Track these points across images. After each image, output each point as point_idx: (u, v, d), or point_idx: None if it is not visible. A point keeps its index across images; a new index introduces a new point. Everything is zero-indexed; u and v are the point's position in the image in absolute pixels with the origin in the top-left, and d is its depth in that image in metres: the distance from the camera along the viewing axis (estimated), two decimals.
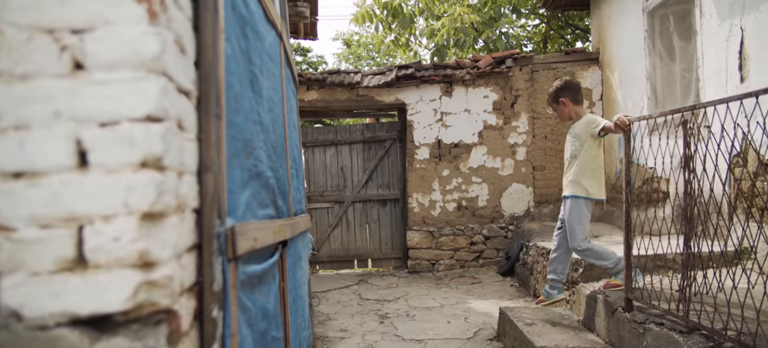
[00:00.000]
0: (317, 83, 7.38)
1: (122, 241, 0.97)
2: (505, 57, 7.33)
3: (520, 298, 5.64)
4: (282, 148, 2.27)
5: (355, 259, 7.68)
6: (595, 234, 5.92)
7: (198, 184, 1.27)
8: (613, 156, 6.84)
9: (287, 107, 2.61)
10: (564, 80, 3.77)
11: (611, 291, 3.51)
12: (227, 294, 1.27)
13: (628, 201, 3.12)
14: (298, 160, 3.01)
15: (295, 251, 2.58)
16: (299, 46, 19.98)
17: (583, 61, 7.26)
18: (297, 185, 2.87)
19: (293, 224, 2.38)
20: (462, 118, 7.34)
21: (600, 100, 7.18)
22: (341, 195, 7.62)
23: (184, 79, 1.17)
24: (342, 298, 5.94)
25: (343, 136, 7.66)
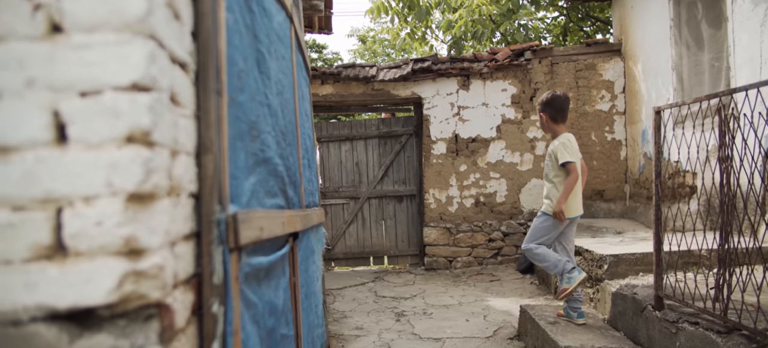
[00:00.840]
0: (332, 77, 7.26)
1: (106, 225, 0.86)
2: (523, 49, 7.15)
3: (541, 295, 5.47)
4: (293, 136, 2.16)
5: (371, 256, 7.57)
6: (619, 230, 5.73)
7: (196, 167, 1.16)
8: (636, 150, 6.63)
9: (299, 94, 2.49)
10: (550, 95, 3.66)
11: (640, 289, 3.34)
12: (229, 287, 1.15)
13: (658, 194, 2.95)
14: (311, 151, 2.90)
15: (307, 245, 2.46)
16: (314, 43, 19.93)
17: (604, 53, 7.05)
18: (309, 176, 2.75)
19: (305, 216, 2.27)
20: (479, 112, 7.18)
21: (622, 92, 6.97)
22: (357, 191, 7.51)
23: (178, 48, 1.05)
24: (358, 295, 5.82)
25: (359, 131, 7.55)
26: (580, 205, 3.63)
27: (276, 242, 1.72)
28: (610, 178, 7.02)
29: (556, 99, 3.62)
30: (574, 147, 3.54)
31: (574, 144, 3.56)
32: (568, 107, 3.64)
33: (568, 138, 3.55)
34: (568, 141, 3.53)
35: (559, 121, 3.63)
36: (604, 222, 6.51)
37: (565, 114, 3.63)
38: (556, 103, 3.61)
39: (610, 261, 3.90)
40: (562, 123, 3.63)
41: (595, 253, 4.12)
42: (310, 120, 3.00)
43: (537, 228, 3.65)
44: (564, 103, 3.62)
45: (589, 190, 7.04)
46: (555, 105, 3.61)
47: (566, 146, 3.50)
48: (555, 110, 3.62)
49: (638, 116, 6.50)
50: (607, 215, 6.99)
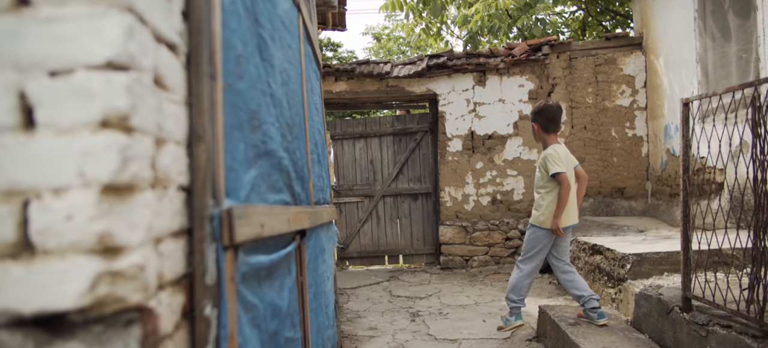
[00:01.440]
0: (346, 74, 7.17)
1: (77, 220, 0.77)
2: (541, 44, 6.99)
3: (560, 295, 5.32)
4: (300, 129, 2.07)
5: (386, 254, 7.47)
6: (641, 229, 5.56)
7: (187, 157, 1.06)
8: (658, 146, 6.44)
9: (307, 87, 2.40)
10: (542, 105, 3.63)
11: (665, 290, 3.20)
12: (222, 288, 1.06)
13: (686, 190, 2.80)
14: (321, 146, 2.80)
15: (316, 243, 2.37)
16: (329, 41, 19.88)
17: (624, 47, 6.86)
18: (319, 172, 2.66)
19: (314, 213, 2.17)
20: (496, 109, 7.04)
21: (643, 87, 6.78)
22: (371, 189, 7.41)
23: (164, 26, 0.96)
24: (372, 294, 5.73)
25: (373, 128, 7.45)
26: (575, 214, 3.60)
27: (280, 240, 1.62)
28: (630, 176, 6.83)
29: (548, 109, 3.58)
30: (563, 157, 3.52)
31: (564, 154, 3.55)
32: (560, 117, 3.61)
33: (555, 149, 3.52)
34: (555, 152, 3.50)
35: (551, 132, 3.59)
36: (625, 220, 6.33)
37: (557, 124, 3.59)
38: (548, 112, 3.57)
39: (634, 260, 3.75)
40: (554, 133, 3.60)
41: (617, 252, 3.98)
42: (320, 114, 2.91)
43: (528, 241, 3.67)
44: (556, 114, 3.58)
45: (609, 188, 6.86)
46: (546, 115, 3.58)
47: (554, 157, 3.48)
48: (546, 120, 3.58)
49: (660, 111, 6.31)
50: (628, 213, 6.81)
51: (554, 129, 3.59)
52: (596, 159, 6.88)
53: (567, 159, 3.56)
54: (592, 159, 6.89)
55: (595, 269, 4.53)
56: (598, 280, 4.43)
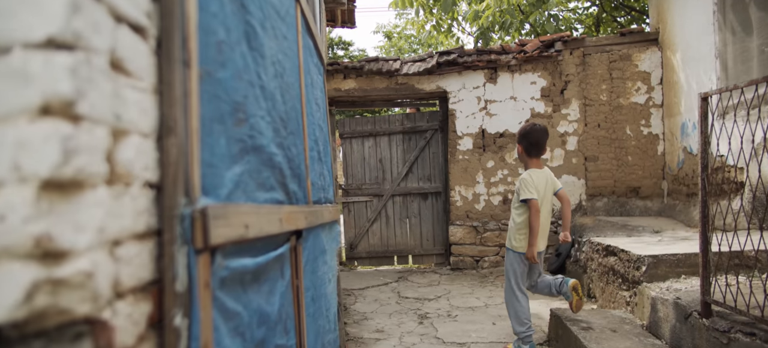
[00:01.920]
0: (354, 71, 7.08)
1: (10, 220, 0.67)
2: (554, 40, 6.84)
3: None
4: (297, 125, 1.97)
5: (395, 255, 7.36)
6: (656, 229, 5.40)
7: (157, 152, 0.96)
8: (674, 144, 6.26)
9: (307, 81, 2.30)
10: (527, 127, 3.62)
11: (683, 294, 3.05)
12: (194, 295, 0.96)
13: (705, 188, 2.67)
14: (323, 143, 2.70)
15: (316, 244, 2.27)
16: (340, 40, 19.82)
17: (640, 43, 6.69)
18: (321, 170, 2.56)
19: (312, 213, 2.07)
20: (507, 106, 6.90)
21: (659, 84, 6.60)
22: (380, 188, 7.31)
23: (125, 4, 0.86)
24: (380, 296, 5.62)
25: (382, 126, 7.34)
26: (542, 241, 3.58)
27: (271, 241, 1.52)
28: (646, 175, 6.66)
29: (533, 132, 3.57)
30: (538, 182, 3.50)
31: (541, 179, 3.53)
32: (545, 140, 3.59)
33: (531, 174, 3.51)
34: (530, 177, 3.49)
35: (533, 155, 3.59)
36: (640, 220, 6.17)
37: (540, 148, 3.58)
38: (532, 136, 3.56)
39: (649, 262, 3.60)
40: (536, 157, 3.59)
41: (632, 254, 3.83)
42: (322, 110, 2.81)
43: (507, 266, 3.67)
44: (540, 137, 3.56)
45: (623, 187, 6.69)
46: (530, 138, 3.57)
47: (526, 183, 3.48)
48: (529, 143, 3.57)
49: (677, 108, 6.14)
50: (643, 213, 6.64)
51: (537, 153, 3.59)
52: (610, 157, 6.72)
53: (546, 183, 3.56)
54: (606, 157, 6.73)
55: (609, 271, 4.39)
56: (612, 282, 4.29)
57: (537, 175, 3.53)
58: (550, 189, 3.58)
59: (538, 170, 3.56)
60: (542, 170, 3.58)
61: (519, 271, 3.60)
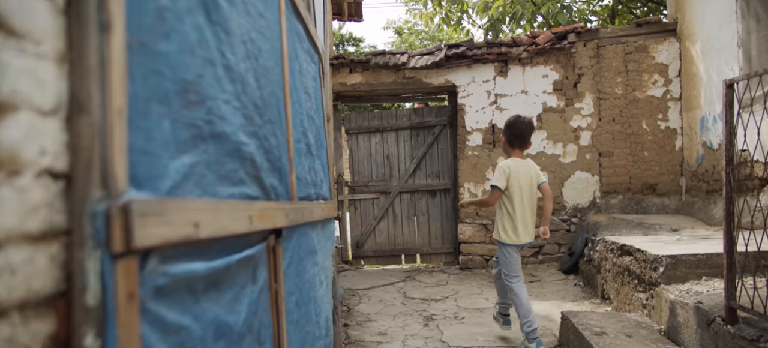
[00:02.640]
0: (361, 65, 6.90)
1: None
2: (567, 32, 6.61)
3: (586, 299, 4.96)
4: (278, 114, 1.79)
5: (402, 253, 7.17)
6: (674, 227, 5.15)
7: (67, 133, 0.79)
8: (693, 139, 6.00)
9: (293, 67, 2.12)
10: (512, 119, 3.64)
11: (705, 297, 2.83)
12: (109, 309, 0.78)
13: (730, 184, 2.45)
14: (315, 136, 2.53)
15: (303, 244, 2.09)
16: (351, 36, 19.68)
17: (657, 33, 6.43)
18: (310, 164, 2.38)
19: (296, 210, 1.90)
20: (518, 101, 6.68)
21: (677, 76, 6.34)
22: (387, 185, 7.12)
23: None
24: (385, 296, 5.44)
25: (389, 122, 7.16)
26: (526, 234, 3.55)
27: (238, 242, 1.35)
28: (663, 171, 6.40)
29: (517, 123, 3.59)
30: (518, 173, 3.52)
31: (519, 168, 3.53)
32: (529, 133, 3.59)
33: (508, 163, 3.55)
34: (506, 166, 3.53)
35: (516, 147, 3.60)
36: (657, 218, 5.92)
37: (523, 141, 3.59)
38: (516, 128, 3.58)
39: (667, 263, 3.38)
40: (519, 149, 3.61)
41: (649, 254, 3.61)
42: (316, 101, 2.63)
43: (498, 258, 3.69)
44: (525, 130, 3.58)
45: (639, 184, 6.44)
46: (514, 129, 3.59)
47: (499, 170, 3.54)
48: (513, 134, 3.59)
49: (696, 101, 5.88)
50: (660, 211, 6.38)
51: (520, 145, 3.60)
52: (626, 153, 6.47)
53: (529, 177, 3.55)
54: (622, 153, 6.48)
55: (624, 271, 4.16)
56: (628, 283, 4.07)
57: (517, 164, 3.54)
58: (531, 180, 3.56)
59: (519, 160, 3.56)
60: (524, 161, 3.58)
61: (511, 262, 3.57)
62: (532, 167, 3.59)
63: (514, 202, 3.51)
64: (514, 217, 3.51)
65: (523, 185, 3.51)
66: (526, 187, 3.53)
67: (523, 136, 3.57)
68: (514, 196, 3.51)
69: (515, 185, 3.50)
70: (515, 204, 3.51)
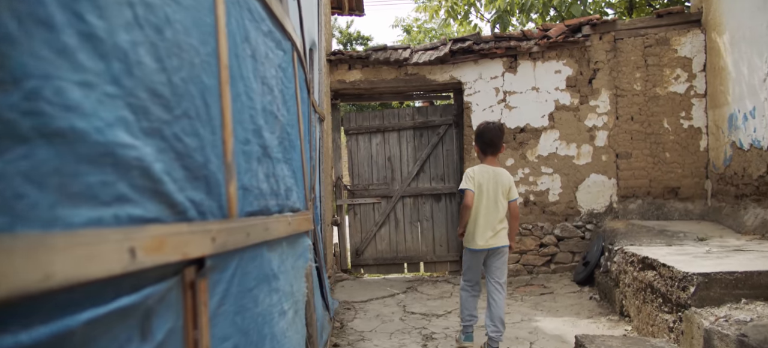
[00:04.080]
0: (360, 61, 6.48)
1: None
2: (581, 24, 6.14)
3: (603, 315, 4.51)
4: (202, 106, 1.38)
5: (405, 262, 6.74)
6: (701, 237, 4.67)
7: None
8: (720, 139, 5.51)
9: (241, 51, 1.71)
10: (481, 127, 3.65)
11: (751, 329, 2.37)
12: None
13: None
14: (277, 135, 2.11)
15: (251, 270, 1.68)
16: (359, 35, 19.32)
17: (680, 25, 5.94)
18: (270, 170, 1.97)
19: (233, 230, 1.48)
20: (529, 98, 6.22)
21: (702, 71, 5.84)
22: (389, 189, 6.70)
23: None
24: (383, 310, 5.02)
25: (391, 121, 6.74)
26: (489, 239, 3.51)
27: (106, 289, 0.94)
28: (686, 173, 5.91)
29: (487, 131, 3.59)
30: (483, 178, 3.52)
31: (486, 175, 3.53)
32: (499, 139, 3.59)
33: (475, 169, 3.56)
34: (472, 171, 3.55)
35: (488, 154, 3.60)
36: (681, 225, 5.43)
37: (495, 146, 3.58)
38: (485, 135, 3.59)
39: (699, 282, 2.92)
40: (491, 155, 3.60)
41: (676, 271, 3.15)
42: (281, 94, 2.22)
43: (463, 258, 3.76)
44: (494, 136, 3.58)
45: (660, 188, 5.96)
46: (484, 137, 3.59)
47: (468, 175, 3.56)
48: (484, 143, 3.60)
49: (724, 98, 5.38)
50: (682, 217, 5.89)
51: (492, 152, 3.59)
52: (645, 154, 5.99)
53: (496, 183, 3.53)
54: (641, 154, 6.00)
55: (647, 288, 3.70)
56: (650, 301, 3.61)
57: (483, 171, 3.55)
58: (499, 189, 3.54)
59: (488, 167, 3.57)
60: (495, 169, 3.57)
61: (466, 266, 3.68)
62: (502, 176, 3.56)
63: (476, 207, 3.51)
64: (475, 221, 3.52)
65: (488, 192, 3.51)
66: (492, 194, 3.52)
67: (495, 143, 3.57)
68: (476, 201, 3.51)
69: (479, 191, 3.51)
70: (479, 209, 3.51)
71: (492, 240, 3.50)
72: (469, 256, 3.61)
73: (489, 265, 3.60)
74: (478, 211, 3.50)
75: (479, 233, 3.49)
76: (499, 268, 3.58)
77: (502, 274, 3.58)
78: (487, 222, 3.49)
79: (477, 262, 3.59)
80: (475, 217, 3.51)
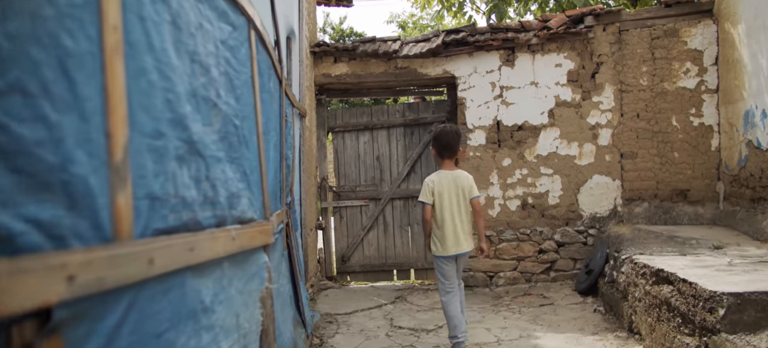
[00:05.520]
0: (346, 54, 6.04)
1: None
2: (583, 14, 5.72)
3: (609, 331, 4.09)
4: (52, 75, 0.94)
5: (394, 268, 6.30)
6: (717, 244, 4.25)
7: None
8: (734, 138, 5.10)
9: (142, 11, 1.27)
10: (438, 130, 3.66)
11: None
12: None
13: None
14: (217, 128, 1.68)
15: (164, 311, 1.24)
16: (352, 31, 18.89)
17: (690, 15, 5.52)
18: (201, 173, 1.53)
19: (113, 258, 1.04)
20: (527, 94, 5.80)
21: (714, 64, 5.43)
22: (377, 190, 6.26)
23: None
24: (368, 324, 4.58)
25: (380, 118, 6.30)
26: (455, 245, 3.55)
27: None
28: (696, 174, 5.50)
29: (444, 135, 3.61)
30: (443, 185, 3.54)
31: (445, 181, 3.56)
32: (456, 143, 3.62)
33: (433, 177, 3.58)
34: (431, 181, 3.56)
35: (445, 157, 3.63)
36: (691, 231, 5.02)
37: (452, 150, 3.61)
38: (442, 139, 3.61)
39: (731, 303, 2.50)
40: (448, 159, 3.64)
41: (702, 288, 2.72)
42: (223, 77, 1.78)
43: (435, 268, 3.75)
44: (452, 139, 3.61)
45: (667, 190, 5.54)
46: (442, 141, 3.61)
47: (426, 185, 3.58)
48: (441, 146, 3.62)
49: (738, 93, 4.97)
50: (692, 221, 5.48)
51: (449, 155, 3.63)
52: (652, 154, 5.57)
53: (456, 187, 3.56)
54: (647, 154, 5.58)
55: (662, 305, 3.28)
56: (667, 320, 3.19)
57: (441, 177, 3.58)
58: (460, 192, 3.56)
59: (446, 172, 3.60)
60: (452, 172, 3.60)
61: (441, 275, 3.65)
62: (460, 178, 3.59)
63: (440, 213, 3.53)
64: (442, 228, 3.53)
65: (450, 197, 3.53)
66: (455, 198, 3.54)
67: (452, 145, 3.60)
68: (440, 208, 3.53)
69: (440, 198, 3.53)
70: (443, 216, 3.52)
71: (461, 245, 3.56)
72: (443, 263, 3.61)
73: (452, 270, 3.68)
74: (444, 218, 3.53)
75: (449, 240, 3.54)
76: (460, 271, 3.72)
77: (460, 275, 3.73)
78: (453, 227, 3.53)
79: (451, 268, 3.62)
80: (441, 224, 3.53)
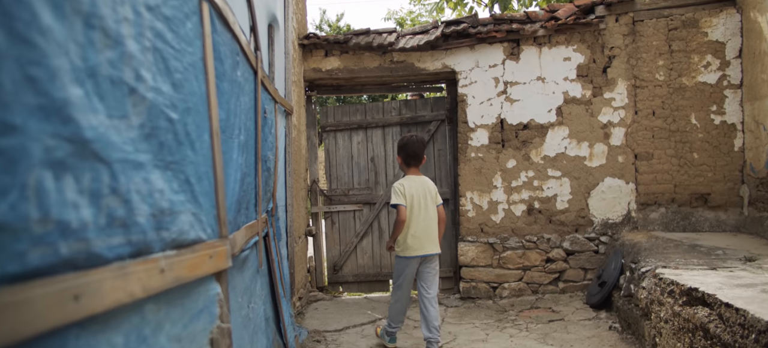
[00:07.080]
0: (338, 47, 5.60)
1: None
2: (594, 3, 5.28)
3: None
4: None
5: (390, 278, 5.86)
6: (749, 257, 3.81)
7: None
8: (760, 137, 4.66)
9: None
10: (405, 140, 3.78)
11: None
12: None
13: None
14: (132, 123, 1.23)
15: None
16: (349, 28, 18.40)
17: (710, 3, 5.08)
18: (102, 185, 1.09)
19: None
20: (534, 90, 5.36)
21: (737, 57, 4.99)
22: (372, 194, 5.82)
23: None
24: (360, 342, 4.14)
25: (375, 116, 5.86)
26: (423, 246, 3.64)
27: None
28: (717, 177, 5.06)
29: (410, 144, 3.73)
30: (413, 189, 3.64)
31: (415, 186, 3.66)
32: (422, 151, 3.76)
33: (403, 182, 3.67)
34: (402, 185, 3.65)
35: (411, 165, 3.76)
36: (714, 239, 4.58)
37: (418, 158, 3.75)
38: (408, 148, 3.73)
39: None
40: (414, 166, 3.76)
41: (753, 317, 2.28)
42: (138, 54, 1.33)
43: (395, 267, 3.82)
44: (417, 148, 3.74)
45: (686, 194, 5.11)
46: (408, 150, 3.73)
47: (398, 189, 3.65)
48: (407, 155, 3.74)
49: (765, 88, 4.53)
50: (714, 228, 5.04)
51: (415, 163, 3.76)
52: (669, 155, 5.14)
53: (425, 192, 3.68)
54: (664, 155, 5.15)
55: (696, 330, 2.83)
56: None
57: (411, 182, 3.69)
58: (428, 196, 3.68)
59: (414, 177, 3.72)
60: (419, 178, 3.73)
61: (398, 274, 3.74)
62: (427, 184, 3.72)
63: (411, 216, 3.62)
64: (408, 229, 3.62)
65: (420, 201, 3.64)
66: (423, 202, 3.65)
67: (418, 154, 3.73)
68: (410, 211, 3.62)
69: (411, 200, 3.62)
70: (415, 218, 3.61)
71: (426, 247, 3.63)
72: (403, 264, 3.67)
73: (421, 272, 3.71)
74: (411, 220, 3.61)
75: (414, 241, 3.61)
76: (432, 278, 3.69)
77: (434, 286, 3.69)
78: (420, 229, 3.62)
79: (411, 271, 3.66)
80: (408, 225, 3.61)
